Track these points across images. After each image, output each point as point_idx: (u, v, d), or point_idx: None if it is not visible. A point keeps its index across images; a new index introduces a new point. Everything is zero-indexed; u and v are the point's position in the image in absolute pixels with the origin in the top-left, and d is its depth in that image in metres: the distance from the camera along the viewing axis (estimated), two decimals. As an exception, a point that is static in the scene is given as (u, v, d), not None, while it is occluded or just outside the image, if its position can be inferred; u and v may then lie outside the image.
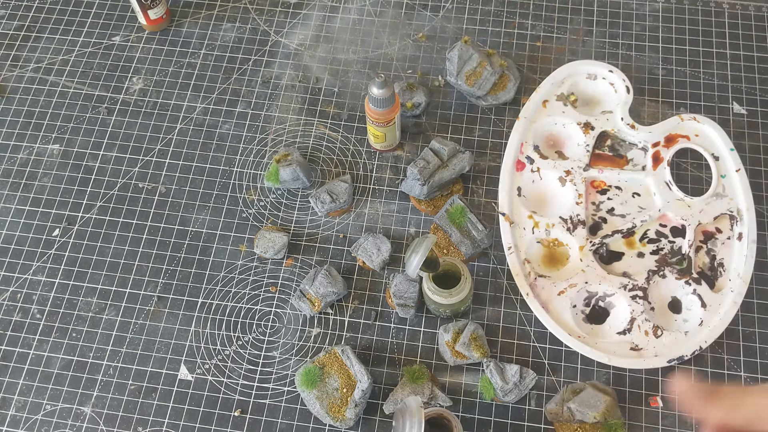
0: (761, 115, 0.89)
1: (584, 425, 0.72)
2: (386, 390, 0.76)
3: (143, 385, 0.78)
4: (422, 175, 0.51)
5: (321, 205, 0.84)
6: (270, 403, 0.76)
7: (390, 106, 0.80)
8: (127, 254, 0.84)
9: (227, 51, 0.97)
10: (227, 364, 0.78)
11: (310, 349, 0.79)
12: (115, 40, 0.98)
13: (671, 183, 0.82)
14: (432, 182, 0.75)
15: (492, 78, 0.89)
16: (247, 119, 0.92)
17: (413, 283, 0.77)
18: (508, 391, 0.73)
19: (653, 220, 0.82)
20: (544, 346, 0.78)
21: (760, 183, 0.85)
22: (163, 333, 0.80)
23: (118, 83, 0.95)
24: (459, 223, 0.81)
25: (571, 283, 0.79)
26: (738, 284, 0.78)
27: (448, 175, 0.78)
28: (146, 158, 0.90)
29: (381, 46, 0.96)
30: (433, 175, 0.72)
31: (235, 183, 0.88)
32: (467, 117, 0.91)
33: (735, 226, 0.81)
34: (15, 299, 0.82)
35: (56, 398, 0.77)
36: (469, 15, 0.98)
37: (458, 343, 0.75)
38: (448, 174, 0.77)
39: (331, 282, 0.79)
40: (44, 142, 0.91)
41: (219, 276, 0.83)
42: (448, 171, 0.75)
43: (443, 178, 0.78)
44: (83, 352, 0.79)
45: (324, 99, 0.93)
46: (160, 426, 0.76)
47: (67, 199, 0.88)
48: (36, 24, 1.00)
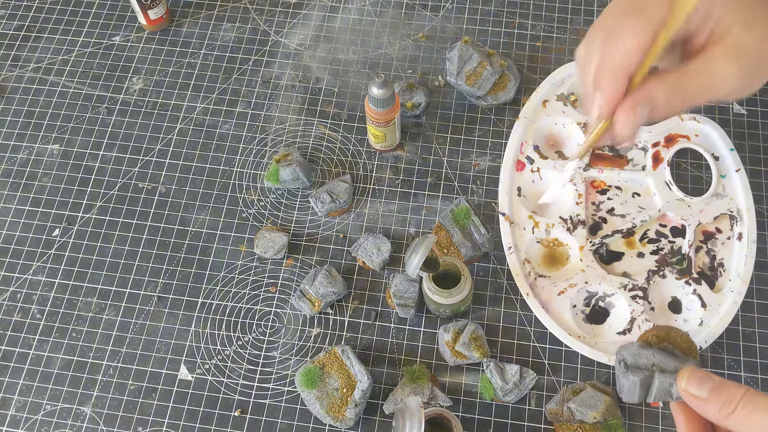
0: (761, 115, 0.89)
1: (584, 425, 0.72)
2: (386, 390, 0.76)
3: (143, 385, 0.78)
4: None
5: (321, 205, 0.84)
6: (270, 403, 0.76)
7: (390, 106, 0.80)
8: (127, 254, 0.84)
9: (227, 51, 0.97)
10: (227, 364, 0.78)
11: (310, 349, 0.79)
12: (115, 40, 0.98)
13: (671, 183, 0.83)
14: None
15: (492, 78, 0.89)
16: (247, 119, 0.92)
17: (413, 283, 0.77)
18: (508, 391, 0.73)
19: (653, 220, 0.82)
20: (544, 346, 0.78)
21: (760, 183, 0.85)
22: (163, 333, 0.80)
23: (118, 83, 0.95)
24: (462, 224, 0.81)
25: (571, 283, 0.79)
26: (738, 284, 0.78)
27: None
28: (146, 158, 0.90)
29: (381, 46, 0.96)
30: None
31: (235, 183, 0.88)
32: (467, 117, 0.91)
33: (735, 226, 0.81)
34: (15, 299, 0.82)
35: (56, 398, 0.77)
36: (469, 15, 0.98)
37: (458, 343, 0.75)
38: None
39: (331, 282, 0.79)
40: (44, 142, 0.91)
41: (219, 276, 0.83)
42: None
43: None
44: (83, 352, 0.80)
45: (324, 99, 0.93)
46: (160, 426, 0.76)
47: (67, 199, 0.88)
48: (36, 24, 1.00)
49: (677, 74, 0.48)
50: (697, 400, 0.44)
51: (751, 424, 0.42)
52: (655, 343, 0.49)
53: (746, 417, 0.42)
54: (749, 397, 0.42)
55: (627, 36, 0.47)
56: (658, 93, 0.48)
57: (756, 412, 0.41)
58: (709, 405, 0.43)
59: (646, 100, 0.48)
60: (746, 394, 0.42)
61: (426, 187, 0.87)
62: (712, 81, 0.48)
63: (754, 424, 0.41)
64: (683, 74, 0.48)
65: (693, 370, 0.45)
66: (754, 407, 0.42)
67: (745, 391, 0.42)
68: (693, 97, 0.48)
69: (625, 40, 0.47)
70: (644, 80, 0.48)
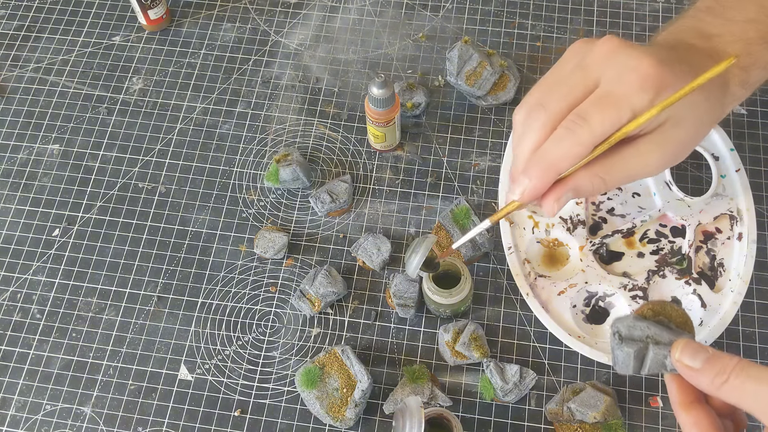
0: (761, 115, 0.89)
1: (584, 425, 0.72)
2: (386, 390, 0.76)
3: (143, 385, 0.78)
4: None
5: (321, 205, 0.84)
6: (270, 403, 0.76)
7: (390, 106, 0.80)
8: (127, 254, 0.84)
9: (227, 51, 0.97)
10: (227, 364, 0.78)
11: (310, 349, 0.79)
12: (115, 40, 0.98)
13: (671, 183, 0.83)
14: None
15: (492, 78, 0.89)
16: (247, 119, 0.92)
17: (413, 283, 0.77)
18: (508, 391, 0.73)
19: (653, 220, 0.82)
20: (544, 346, 0.78)
21: (760, 183, 0.85)
22: (163, 333, 0.80)
23: (118, 83, 0.95)
24: (463, 224, 0.81)
25: (571, 283, 0.79)
26: (738, 284, 0.78)
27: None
28: (146, 158, 0.90)
29: (381, 46, 0.96)
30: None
31: (235, 183, 0.88)
32: (467, 117, 0.91)
33: (735, 226, 0.81)
34: (15, 299, 0.82)
35: (56, 398, 0.77)
36: (469, 15, 0.98)
37: (458, 343, 0.75)
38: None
39: (331, 282, 0.79)
40: (44, 142, 0.91)
41: (219, 276, 0.83)
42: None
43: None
44: (83, 352, 0.80)
45: (324, 99, 0.93)
46: (160, 426, 0.76)
47: (67, 199, 0.88)
48: (36, 24, 1.00)
49: (604, 165, 0.51)
50: (691, 371, 0.44)
51: (744, 394, 0.42)
52: (651, 316, 0.49)
53: (739, 386, 0.42)
54: (742, 367, 0.42)
55: (566, 141, 0.49)
56: (583, 183, 0.51)
57: (748, 381, 0.42)
58: (703, 375, 0.43)
59: (572, 190, 0.51)
60: (739, 364, 0.42)
61: (426, 187, 0.87)
62: (636, 170, 0.52)
63: (747, 393, 0.42)
64: (611, 166, 0.51)
65: (687, 342, 0.45)
66: (747, 376, 0.42)
67: (738, 361, 0.43)
68: (617, 183, 0.52)
69: (563, 144, 0.49)
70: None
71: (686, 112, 0.50)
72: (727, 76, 0.55)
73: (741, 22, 0.57)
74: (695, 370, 0.44)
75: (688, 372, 0.44)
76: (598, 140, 0.49)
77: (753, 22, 0.57)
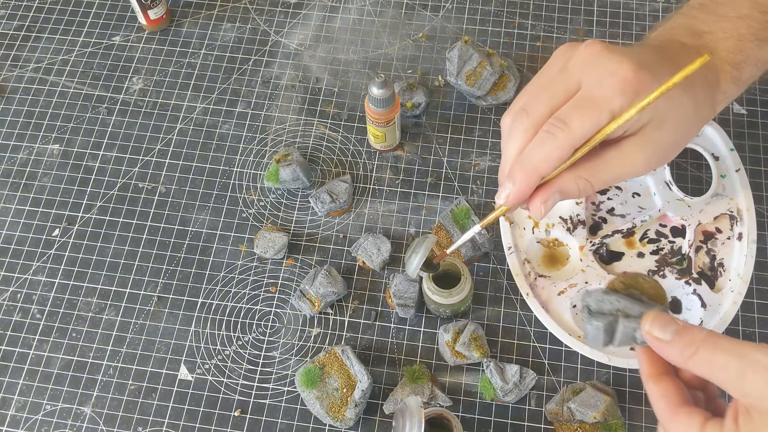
0: (761, 115, 0.89)
1: (584, 425, 0.72)
2: (386, 390, 0.76)
3: (143, 385, 0.78)
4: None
5: (321, 205, 0.84)
6: (270, 403, 0.76)
7: (390, 106, 0.80)
8: (127, 254, 0.84)
9: (227, 51, 0.97)
10: (227, 364, 0.78)
11: (310, 349, 0.79)
12: (115, 40, 0.98)
13: (671, 183, 0.83)
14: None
15: (492, 78, 0.89)
16: (247, 119, 0.92)
17: (413, 283, 0.77)
18: (508, 391, 0.73)
19: (653, 220, 0.82)
20: (544, 346, 0.78)
21: (760, 183, 0.85)
22: (163, 333, 0.80)
23: (118, 83, 0.95)
24: (463, 224, 0.81)
25: (571, 283, 0.79)
26: (738, 284, 0.78)
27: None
28: (146, 158, 0.90)
29: (381, 46, 0.96)
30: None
31: (235, 183, 0.88)
32: (467, 117, 0.91)
33: (735, 226, 0.81)
34: (15, 299, 0.82)
35: (56, 398, 0.77)
36: (469, 15, 0.98)
37: (458, 343, 0.75)
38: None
39: (331, 282, 0.79)
40: (44, 142, 0.91)
41: (219, 276, 0.83)
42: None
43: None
44: (83, 352, 0.80)
45: (324, 99, 0.93)
46: (160, 426, 0.76)
47: (67, 199, 0.88)
48: (36, 24, 1.00)
49: (588, 167, 0.51)
50: (661, 343, 0.44)
51: (712, 365, 0.42)
52: (622, 289, 0.48)
53: (707, 358, 0.42)
54: (711, 339, 0.42)
55: (547, 145, 0.50)
56: (569, 185, 0.51)
57: (717, 353, 0.42)
58: (672, 347, 0.43)
59: (558, 192, 0.51)
60: (708, 336, 0.42)
61: (426, 187, 0.87)
62: (621, 171, 0.52)
63: (715, 365, 0.42)
64: (595, 167, 0.51)
65: (657, 314, 0.45)
66: (715, 348, 0.42)
67: (707, 334, 0.43)
68: (601, 185, 0.52)
69: (544, 148, 0.50)
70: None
71: (670, 112, 0.51)
72: (718, 74, 0.55)
73: (733, 18, 0.57)
74: (665, 342, 0.44)
75: (658, 344, 0.44)
76: (577, 143, 0.49)
77: (745, 18, 0.56)
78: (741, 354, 0.41)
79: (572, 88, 0.51)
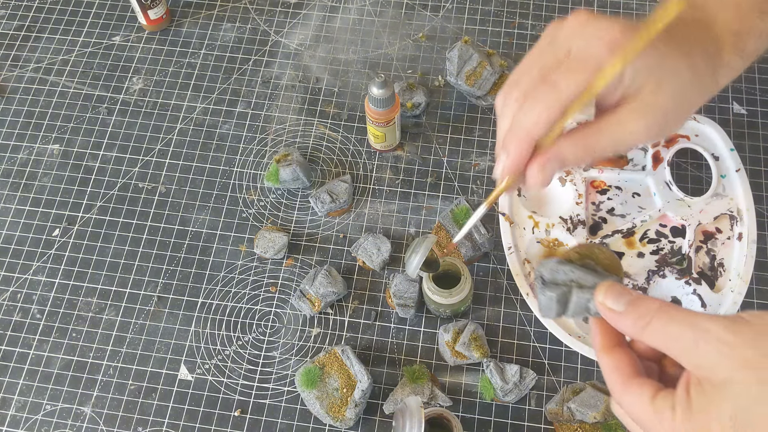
0: (761, 115, 0.89)
1: (584, 425, 0.72)
2: (386, 390, 0.76)
3: (143, 385, 0.78)
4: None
5: (321, 205, 0.84)
6: (270, 403, 0.76)
7: (390, 106, 0.80)
8: (127, 254, 0.84)
9: (227, 51, 0.97)
10: (227, 364, 0.78)
11: (310, 349, 0.79)
12: (115, 40, 0.98)
13: (671, 183, 0.83)
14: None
15: (492, 78, 0.89)
16: (247, 119, 0.92)
17: (413, 283, 0.77)
18: (508, 391, 0.73)
19: (653, 220, 0.82)
20: (544, 346, 0.78)
21: (760, 183, 0.85)
22: (163, 333, 0.80)
23: (118, 83, 0.95)
24: (462, 224, 0.81)
25: (571, 283, 0.78)
26: (738, 284, 0.78)
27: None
28: (146, 158, 0.90)
29: (381, 46, 0.96)
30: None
31: (235, 183, 0.88)
32: (467, 117, 0.91)
33: (735, 226, 0.81)
34: (15, 299, 0.82)
35: (56, 398, 0.77)
36: (469, 15, 0.98)
37: (458, 343, 0.75)
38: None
39: (331, 282, 0.79)
40: (44, 142, 0.91)
41: (219, 276, 0.83)
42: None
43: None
44: (83, 352, 0.80)
45: (324, 99, 0.93)
46: (160, 426, 0.76)
47: (67, 199, 0.88)
48: (36, 24, 1.00)
49: (586, 133, 0.50)
50: (614, 314, 0.43)
51: (666, 336, 0.41)
52: (577, 259, 0.47)
53: (661, 329, 0.41)
54: (665, 310, 0.41)
55: (536, 107, 0.49)
56: (567, 152, 0.50)
57: (671, 323, 0.41)
58: (626, 318, 0.42)
59: (556, 159, 0.50)
60: (662, 306, 0.41)
61: (426, 187, 0.87)
62: (621, 138, 0.50)
63: (669, 336, 0.41)
64: (593, 134, 0.50)
65: (611, 284, 0.44)
66: (670, 319, 0.41)
67: (662, 304, 0.42)
68: (602, 152, 0.51)
69: (533, 111, 0.49)
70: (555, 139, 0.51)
71: (667, 77, 0.50)
72: (719, 45, 0.54)
73: None
74: (618, 313, 0.43)
75: (611, 315, 0.43)
76: (565, 102, 0.48)
77: None
78: (694, 324, 0.40)
79: (561, 56, 0.51)
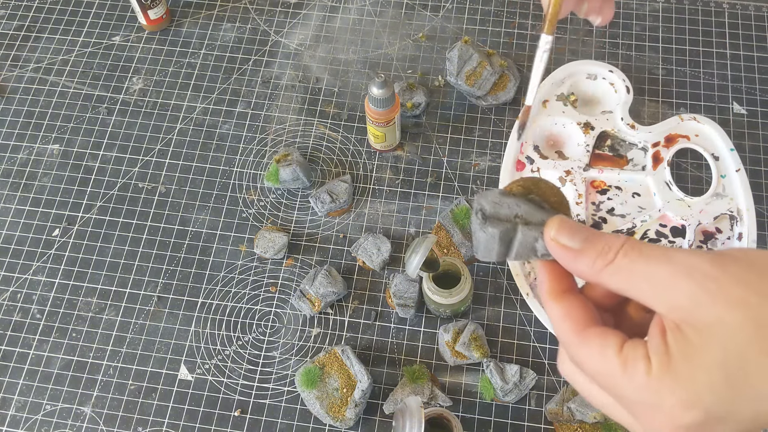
0: (761, 115, 0.89)
1: (584, 425, 0.72)
2: (386, 390, 0.76)
3: (143, 385, 0.78)
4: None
5: (321, 205, 0.84)
6: (270, 403, 0.76)
7: (390, 106, 0.80)
8: (127, 254, 0.84)
9: (227, 51, 0.97)
10: (227, 364, 0.78)
11: (310, 349, 0.79)
12: (115, 40, 0.98)
13: (671, 183, 0.83)
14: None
15: (492, 78, 0.89)
16: (247, 119, 0.92)
17: (413, 283, 0.77)
18: (508, 391, 0.73)
19: (653, 220, 0.82)
20: (544, 346, 0.78)
21: (760, 183, 0.85)
22: (163, 333, 0.80)
23: (118, 83, 0.95)
24: (463, 224, 0.81)
25: (571, 283, 0.78)
26: (738, 284, 0.77)
27: None
28: (146, 158, 0.90)
29: (381, 46, 0.96)
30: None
31: (235, 183, 0.88)
32: (467, 117, 0.91)
33: (735, 226, 0.81)
34: (15, 299, 0.82)
35: (56, 398, 0.77)
36: (469, 15, 0.98)
37: (458, 343, 0.75)
38: None
39: (331, 282, 0.79)
40: (44, 142, 0.91)
41: (219, 276, 0.83)
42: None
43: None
44: (83, 352, 0.80)
45: (324, 99, 0.93)
46: (160, 426, 0.76)
47: (67, 199, 0.88)
48: (36, 24, 1.00)
49: None
50: (568, 252, 0.36)
51: (632, 276, 0.33)
52: (521, 193, 0.40)
53: (626, 267, 0.33)
54: (632, 245, 0.34)
55: None
56: None
57: (639, 260, 0.33)
58: (583, 256, 0.35)
59: None
60: (628, 242, 0.34)
61: (426, 187, 0.87)
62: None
63: (636, 275, 0.33)
64: None
65: (563, 219, 0.37)
66: (639, 254, 0.33)
67: (626, 239, 0.34)
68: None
69: None
70: None
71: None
72: None
73: None
74: (573, 250, 0.35)
75: (564, 253, 0.36)
76: None
77: None
78: (670, 258, 0.33)
79: None
